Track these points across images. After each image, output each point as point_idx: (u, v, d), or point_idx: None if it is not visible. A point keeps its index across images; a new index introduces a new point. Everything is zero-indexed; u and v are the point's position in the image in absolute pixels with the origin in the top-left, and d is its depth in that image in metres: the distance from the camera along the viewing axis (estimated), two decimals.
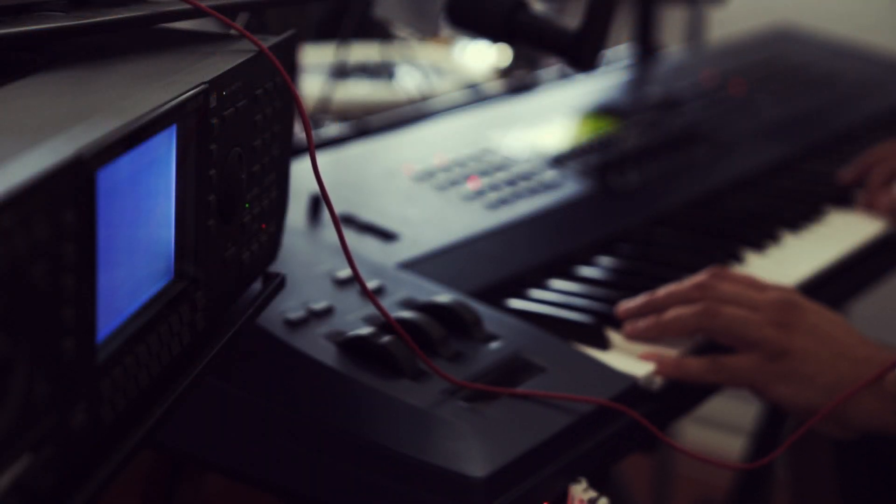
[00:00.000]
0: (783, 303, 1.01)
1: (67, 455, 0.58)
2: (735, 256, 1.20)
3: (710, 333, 1.01)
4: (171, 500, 1.16)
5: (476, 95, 1.52)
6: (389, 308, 0.94)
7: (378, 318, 0.92)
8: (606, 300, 1.06)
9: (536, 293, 1.08)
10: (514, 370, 0.92)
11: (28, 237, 0.52)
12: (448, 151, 1.28)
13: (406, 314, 0.93)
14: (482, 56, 2.01)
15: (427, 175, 1.22)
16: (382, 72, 1.90)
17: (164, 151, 0.69)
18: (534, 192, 1.24)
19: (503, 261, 1.11)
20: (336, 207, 1.08)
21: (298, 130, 0.93)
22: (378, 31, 1.79)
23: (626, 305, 1.04)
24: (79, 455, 0.60)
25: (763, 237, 1.25)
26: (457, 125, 1.39)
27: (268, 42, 0.79)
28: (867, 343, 1.01)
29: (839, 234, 1.30)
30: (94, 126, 0.60)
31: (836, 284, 1.22)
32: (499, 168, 1.27)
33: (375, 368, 0.88)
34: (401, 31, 1.82)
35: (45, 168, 0.53)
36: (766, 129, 1.55)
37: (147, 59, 0.74)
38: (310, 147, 0.79)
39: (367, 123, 1.34)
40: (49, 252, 0.54)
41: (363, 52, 1.90)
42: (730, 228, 1.26)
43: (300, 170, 0.93)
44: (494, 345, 0.94)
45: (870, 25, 2.31)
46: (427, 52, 2.02)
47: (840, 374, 0.98)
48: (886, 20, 2.36)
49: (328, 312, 0.92)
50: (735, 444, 2.09)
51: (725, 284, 1.02)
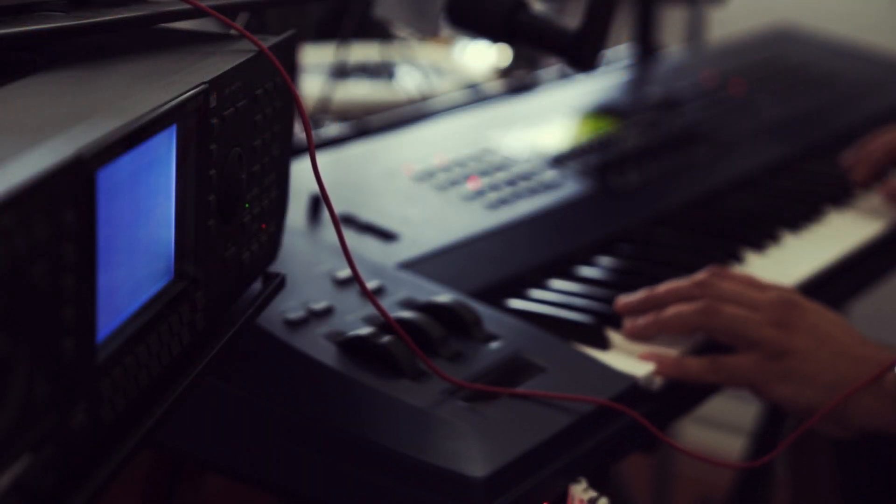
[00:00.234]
0: (783, 302, 1.01)
1: (67, 455, 0.58)
2: (735, 256, 1.20)
3: (710, 332, 1.01)
4: (171, 500, 1.16)
5: (476, 95, 1.52)
6: (389, 308, 0.94)
7: (378, 318, 0.92)
8: (606, 300, 1.06)
9: (536, 293, 1.08)
10: (514, 370, 0.92)
11: (28, 237, 0.52)
12: (448, 151, 1.28)
13: (406, 314, 0.93)
14: (482, 56, 2.01)
15: (427, 175, 1.22)
16: (382, 72, 1.90)
17: (164, 151, 0.69)
18: (534, 192, 1.24)
19: (503, 261, 1.10)
20: (336, 207, 1.08)
21: (298, 130, 0.93)
22: (378, 31, 1.79)
23: (626, 300, 1.03)
24: (79, 455, 0.60)
25: (763, 237, 1.25)
26: (457, 125, 1.39)
27: (268, 42, 0.79)
28: (866, 343, 1.01)
29: (839, 234, 1.30)
30: (94, 126, 0.60)
31: (836, 284, 1.22)
32: (499, 168, 1.27)
33: (375, 368, 0.88)
34: (401, 31, 1.82)
35: (45, 168, 0.53)
36: (766, 129, 1.55)
37: (147, 59, 0.74)
38: (310, 147, 0.79)
39: (367, 123, 1.34)
40: (49, 252, 0.54)
41: (363, 52, 1.90)
42: (730, 228, 1.26)
43: (300, 170, 0.93)
44: (494, 345, 0.94)
45: (870, 25, 2.31)
46: (427, 52, 2.02)
47: (840, 374, 0.98)
48: (886, 20, 2.36)
49: (328, 312, 0.92)
50: (735, 444, 2.09)
51: (725, 283, 1.02)
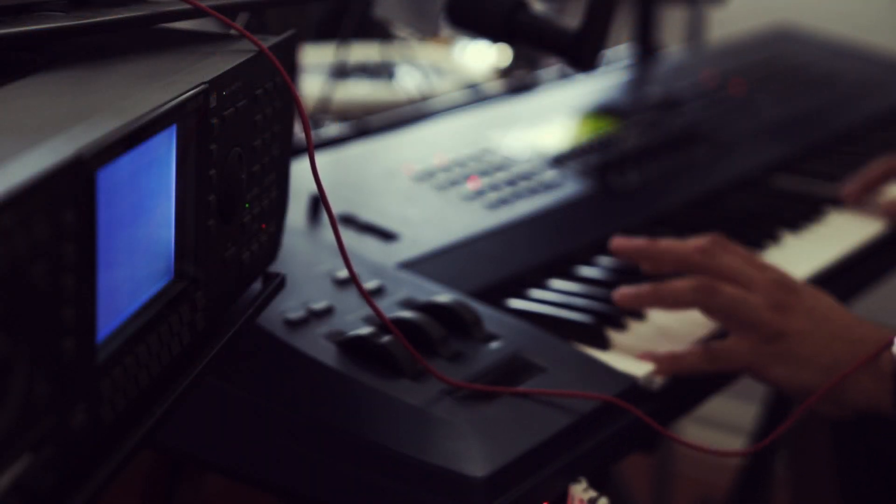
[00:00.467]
0: (780, 284, 1.01)
1: (67, 455, 0.58)
2: None
3: (706, 310, 1.01)
4: (171, 500, 1.16)
5: (476, 95, 1.52)
6: (389, 308, 0.94)
7: (378, 318, 0.91)
8: (606, 300, 1.06)
9: (536, 293, 1.08)
10: (514, 370, 0.92)
11: (28, 237, 0.52)
12: (448, 151, 1.28)
13: (406, 314, 0.93)
14: (482, 56, 2.01)
15: (427, 175, 1.22)
16: (382, 72, 1.90)
17: (164, 151, 0.69)
18: (534, 192, 1.24)
19: (503, 261, 1.10)
20: (336, 207, 1.09)
21: (298, 130, 0.93)
22: (378, 31, 1.79)
23: (625, 289, 1.03)
24: (79, 455, 0.60)
25: (763, 237, 1.25)
26: (457, 125, 1.39)
27: (268, 42, 0.79)
28: (863, 324, 1.01)
29: (839, 234, 1.30)
30: (94, 126, 0.60)
31: (836, 284, 1.22)
32: (499, 168, 1.27)
33: (375, 368, 0.88)
34: (401, 31, 1.82)
35: (45, 168, 0.53)
36: (766, 129, 1.55)
37: (147, 59, 0.74)
38: (309, 148, 0.79)
39: (367, 123, 1.34)
40: (49, 252, 0.54)
41: (363, 52, 1.91)
42: (730, 228, 1.26)
43: (300, 170, 0.92)
44: (494, 345, 0.94)
45: (870, 25, 2.31)
46: (427, 52, 2.02)
47: (837, 355, 0.98)
48: (886, 20, 2.36)
49: (328, 312, 0.92)
50: (735, 444, 2.09)
51: (727, 256, 1.02)
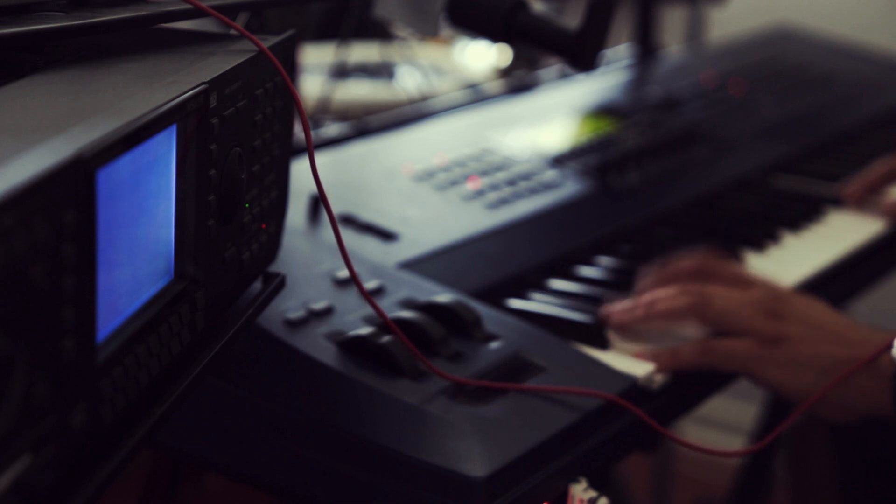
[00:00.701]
0: (770, 296, 1.01)
1: (67, 455, 0.58)
2: (735, 256, 1.20)
3: (702, 320, 1.01)
4: (171, 500, 1.16)
5: (476, 95, 1.52)
6: (389, 308, 0.94)
7: (378, 318, 0.92)
8: (607, 300, 1.06)
9: (536, 293, 1.08)
10: (515, 370, 0.92)
11: (28, 237, 0.52)
12: (448, 151, 1.28)
13: (406, 314, 0.93)
14: (482, 56, 2.01)
15: (427, 175, 1.22)
16: (382, 72, 1.90)
17: (164, 151, 0.69)
18: (534, 192, 1.24)
19: (503, 261, 1.10)
20: (336, 207, 1.09)
21: (298, 130, 0.93)
22: (378, 31, 1.79)
23: (611, 308, 1.03)
24: (79, 455, 0.60)
25: (763, 237, 1.25)
26: (457, 125, 1.39)
27: (268, 42, 0.79)
28: (859, 327, 1.01)
29: (839, 234, 1.30)
30: (94, 126, 0.60)
31: (836, 284, 1.22)
32: (499, 168, 1.27)
33: (375, 368, 0.88)
34: (401, 31, 1.82)
35: (45, 168, 0.53)
36: (766, 129, 1.55)
37: (147, 59, 0.74)
38: (308, 148, 0.79)
39: (367, 123, 1.34)
40: (49, 252, 0.54)
41: (363, 52, 1.90)
42: (730, 228, 1.26)
43: (300, 170, 0.93)
44: (494, 345, 0.94)
45: (869, 25, 2.31)
46: (427, 52, 2.02)
47: (835, 357, 0.98)
48: (886, 20, 2.36)
49: (328, 312, 0.92)
50: (735, 444, 2.09)
51: (711, 288, 1.03)
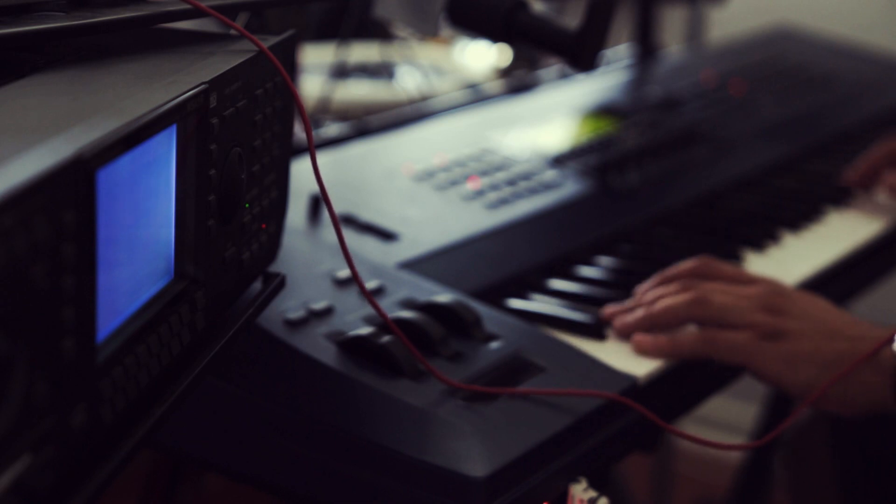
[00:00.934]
0: (770, 292, 1.01)
1: (67, 455, 0.58)
2: (735, 256, 1.20)
3: (702, 321, 1.01)
4: (171, 500, 1.16)
5: (476, 95, 1.52)
6: (389, 308, 0.94)
7: (378, 318, 0.91)
8: (607, 300, 1.06)
9: (536, 293, 1.08)
10: (514, 370, 0.92)
11: (28, 237, 0.52)
12: (448, 151, 1.28)
13: (406, 314, 0.93)
14: (482, 56, 2.01)
15: (427, 175, 1.22)
16: (382, 72, 1.90)
17: (164, 151, 0.69)
18: (534, 192, 1.24)
19: (503, 261, 1.10)
20: (336, 207, 1.09)
21: (298, 130, 0.93)
22: (378, 31, 1.79)
23: (612, 308, 1.03)
24: (79, 455, 0.60)
25: (763, 237, 1.25)
26: (457, 125, 1.39)
27: (268, 42, 0.79)
28: (859, 322, 1.01)
29: (839, 234, 1.30)
30: (94, 126, 0.60)
31: (836, 284, 1.22)
32: (499, 168, 1.27)
33: (375, 368, 0.88)
34: (401, 31, 1.82)
35: (45, 168, 0.53)
36: (766, 129, 1.55)
37: (147, 59, 0.74)
38: (310, 147, 0.79)
39: (367, 123, 1.34)
40: (49, 252, 0.54)
41: (363, 52, 1.90)
42: (730, 228, 1.26)
43: (300, 170, 0.93)
44: (494, 345, 0.94)
45: (869, 25, 2.31)
46: (427, 52, 2.02)
47: (837, 352, 0.98)
48: (886, 20, 2.36)
49: (328, 312, 0.92)
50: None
51: (710, 283, 1.03)
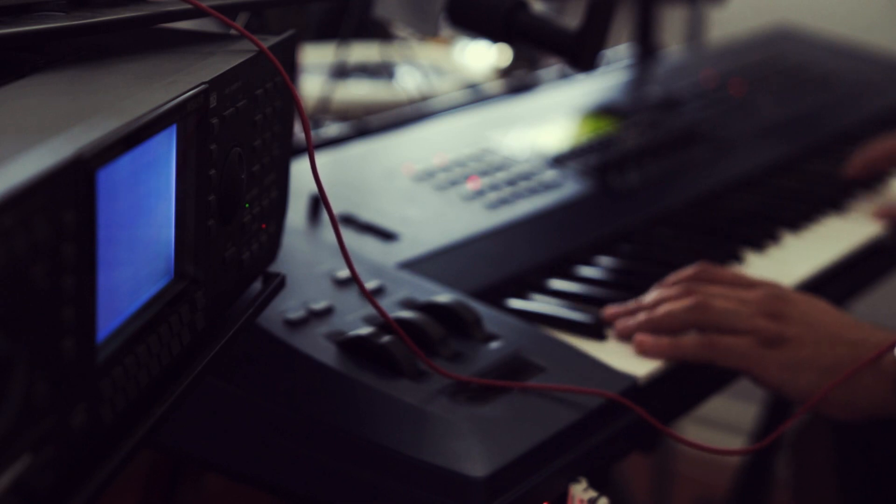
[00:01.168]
0: (771, 296, 1.01)
1: (67, 455, 0.58)
2: (735, 256, 1.20)
3: (702, 327, 1.01)
4: (171, 500, 1.16)
5: (476, 95, 1.52)
6: (389, 308, 0.94)
7: (378, 318, 0.92)
8: (607, 300, 1.06)
9: (536, 293, 1.08)
10: (514, 370, 0.92)
11: (28, 237, 0.52)
12: (448, 151, 1.28)
13: (406, 314, 0.93)
14: (482, 56, 2.01)
15: (427, 175, 1.22)
16: (382, 72, 1.90)
17: (164, 151, 0.69)
18: (534, 192, 1.24)
19: (503, 261, 1.10)
20: (336, 207, 1.09)
21: (298, 130, 0.93)
22: (378, 31, 1.79)
23: (613, 309, 1.03)
24: (79, 455, 0.60)
25: (763, 237, 1.25)
26: (457, 125, 1.39)
27: (268, 42, 0.79)
28: (861, 326, 1.01)
29: (839, 234, 1.30)
30: (94, 126, 0.60)
31: (836, 284, 1.22)
32: (499, 168, 1.27)
33: (375, 368, 0.88)
34: (401, 31, 1.82)
35: (45, 168, 0.53)
36: (766, 129, 1.55)
37: (147, 59, 0.74)
38: (309, 148, 0.79)
39: (367, 123, 1.34)
40: (49, 252, 0.54)
41: (363, 52, 1.91)
42: (730, 228, 1.26)
43: (300, 170, 0.93)
44: (494, 345, 0.94)
45: (869, 25, 2.31)
46: (427, 52, 2.02)
47: (838, 357, 0.98)
48: (886, 20, 2.36)
49: (328, 312, 0.92)
50: (735, 445, 2.09)
51: (712, 287, 1.03)
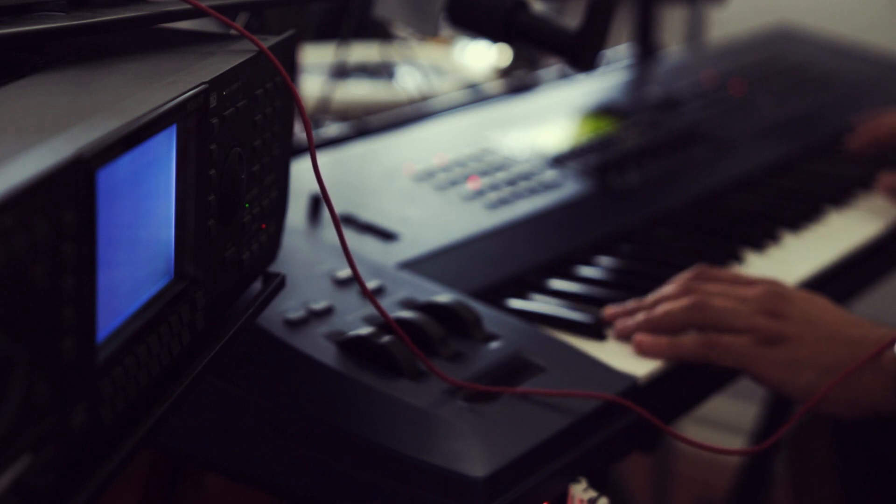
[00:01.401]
0: (771, 294, 1.01)
1: (67, 455, 0.58)
2: (735, 256, 1.20)
3: (701, 326, 1.01)
4: (171, 500, 1.16)
5: (476, 95, 1.52)
6: (389, 308, 0.94)
7: (378, 318, 0.92)
8: (607, 300, 1.06)
9: (536, 293, 1.08)
10: (514, 370, 0.92)
11: (28, 237, 0.52)
12: (448, 151, 1.28)
13: (406, 314, 0.93)
14: (482, 56, 2.01)
15: (427, 175, 1.22)
16: (382, 72, 1.90)
17: (164, 151, 0.69)
18: (534, 192, 1.24)
19: (503, 261, 1.10)
20: (336, 207, 1.09)
21: (298, 130, 0.93)
22: (378, 31, 1.79)
23: (613, 309, 1.03)
24: (79, 455, 0.60)
25: (763, 237, 1.25)
26: (457, 125, 1.39)
27: (268, 42, 0.79)
28: (861, 323, 1.01)
29: (839, 234, 1.30)
30: (94, 126, 0.60)
31: (836, 284, 1.22)
32: (499, 168, 1.27)
33: (375, 368, 0.88)
34: (401, 31, 1.82)
35: (45, 168, 0.53)
36: (766, 129, 1.55)
37: (147, 59, 0.74)
38: (310, 147, 0.79)
39: (367, 123, 1.34)
40: (49, 252, 0.54)
41: (363, 52, 1.91)
42: (730, 228, 1.26)
43: (300, 170, 0.93)
44: (494, 345, 0.94)
45: (870, 25, 2.31)
46: (427, 52, 2.02)
47: (838, 355, 0.98)
48: (886, 20, 2.36)
49: (328, 312, 0.92)
50: (735, 445, 2.09)
51: (711, 285, 1.03)
